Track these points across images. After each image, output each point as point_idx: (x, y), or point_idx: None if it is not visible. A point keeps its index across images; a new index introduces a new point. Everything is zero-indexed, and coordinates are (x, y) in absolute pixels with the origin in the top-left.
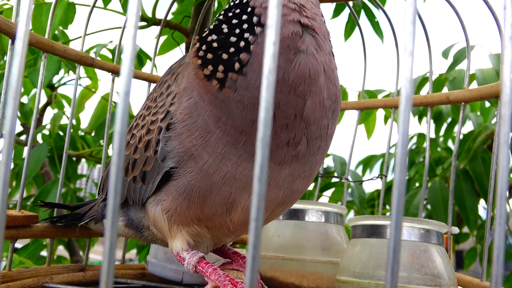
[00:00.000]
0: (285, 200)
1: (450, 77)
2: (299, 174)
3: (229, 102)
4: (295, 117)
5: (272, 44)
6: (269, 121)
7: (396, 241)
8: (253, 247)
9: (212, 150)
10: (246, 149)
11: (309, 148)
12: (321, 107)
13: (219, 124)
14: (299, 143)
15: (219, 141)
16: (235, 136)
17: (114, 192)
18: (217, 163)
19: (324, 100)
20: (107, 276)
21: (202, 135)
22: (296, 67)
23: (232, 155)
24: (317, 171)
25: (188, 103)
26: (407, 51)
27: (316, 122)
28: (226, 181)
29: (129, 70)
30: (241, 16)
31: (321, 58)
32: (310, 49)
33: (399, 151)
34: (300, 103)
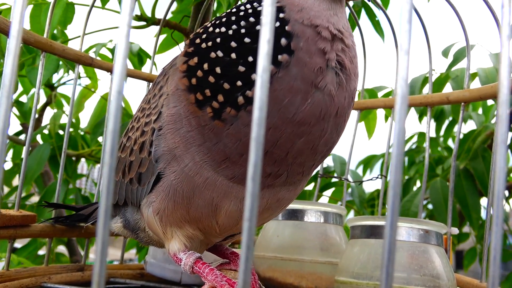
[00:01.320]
0: (270, 207)
1: (453, 75)
2: (282, 189)
3: (219, 133)
4: (286, 154)
5: (267, 42)
6: (263, 120)
7: (391, 241)
8: (246, 247)
9: (191, 158)
10: (224, 173)
11: (287, 181)
12: (312, 151)
13: (201, 147)
14: (279, 176)
15: (197, 155)
16: (216, 161)
17: (106, 192)
18: (197, 168)
19: (319, 145)
20: (99, 277)
21: (182, 142)
22: (307, 107)
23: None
24: (302, 187)
25: (174, 110)
26: (403, 50)
27: (301, 162)
28: (207, 185)
29: (122, 68)
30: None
31: (340, 99)
32: (329, 89)
33: (395, 151)
34: (296, 142)
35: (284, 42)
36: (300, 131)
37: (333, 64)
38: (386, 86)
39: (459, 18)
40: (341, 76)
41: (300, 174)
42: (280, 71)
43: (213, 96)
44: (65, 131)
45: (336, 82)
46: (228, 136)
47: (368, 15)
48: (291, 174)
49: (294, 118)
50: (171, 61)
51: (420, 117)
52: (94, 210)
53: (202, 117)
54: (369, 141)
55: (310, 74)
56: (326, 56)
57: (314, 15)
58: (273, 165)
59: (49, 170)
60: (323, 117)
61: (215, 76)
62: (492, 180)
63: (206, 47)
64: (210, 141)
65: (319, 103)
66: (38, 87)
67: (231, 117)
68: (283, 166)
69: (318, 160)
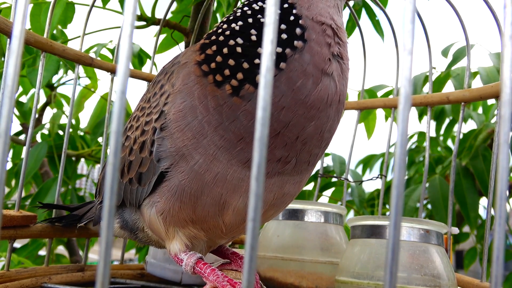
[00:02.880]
0: (276, 203)
1: (453, 73)
2: (289, 180)
3: (237, 110)
4: (296, 139)
5: (270, 43)
6: (267, 120)
7: (395, 240)
8: (251, 247)
9: (204, 151)
10: (239, 156)
11: (295, 169)
12: (319, 136)
13: (218, 129)
14: (288, 163)
15: (212, 144)
16: (232, 142)
17: (110, 192)
18: (207, 164)
19: (324, 131)
20: (103, 277)
21: (194, 136)
22: (318, 90)
23: (223, 158)
24: (307, 179)
25: (183, 105)
26: (406, 50)
27: (310, 149)
28: (217, 181)
29: (125, 68)
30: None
31: (341, 86)
32: (334, 75)
33: (398, 151)
34: (306, 126)
35: (299, 31)
36: (310, 115)
37: (336, 53)
38: (386, 85)
39: (459, 18)
40: (342, 64)
41: (306, 162)
42: (295, 54)
43: (232, 75)
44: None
45: (339, 71)
46: (244, 113)
47: (368, 14)
48: (299, 161)
49: (306, 100)
50: (172, 60)
51: (420, 116)
52: (88, 210)
53: (221, 95)
54: (368, 140)
55: (320, 62)
56: (331, 49)
57: (320, 12)
58: (283, 148)
59: (49, 170)
60: (330, 103)
61: (235, 58)
62: (492, 180)
63: (224, 38)
64: (228, 119)
65: (326, 88)
66: (38, 87)
67: (249, 94)
68: (293, 151)
69: (322, 148)
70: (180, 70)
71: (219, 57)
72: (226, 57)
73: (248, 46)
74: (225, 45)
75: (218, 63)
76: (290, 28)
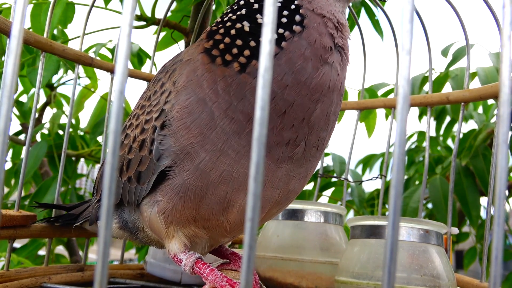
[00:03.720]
0: (281, 200)
1: (452, 74)
2: (295, 174)
3: (244, 87)
4: (302, 120)
5: (268, 42)
6: (265, 120)
7: (393, 240)
8: (249, 247)
9: (211, 147)
10: (249, 140)
11: (305, 154)
12: (326, 119)
13: (227, 112)
14: (297, 146)
15: (222, 133)
16: (242, 124)
17: (108, 191)
18: (214, 161)
19: (330, 114)
20: (101, 277)
21: (201, 132)
22: (319, 75)
23: (231, 151)
24: (311, 173)
25: (188, 101)
26: (404, 50)
27: (317, 132)
28: (223, 179)
29: (124, 68)
30: (280, 10)
31: (341, 76)
32: (335, 65)
33: (396, 150)
34: (311, 108)
35: (298, 18)
36: (314, 98)
37: (339, 44)
38: (387, 83)
39: (458, 18)
40: (344, 57)
41: (315, 147)
42: (294, 37)
43: (240, 53)
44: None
45: (340, 61)
46: (250, 91)
47: (368, 14)
48: (308, 145)
49: (308, 83)
50: (173, 58)
51: (420, 116)
52: (84, 209)
53: (229, 74)
54: (368, 140)
55: (320, 49)
56: (334, 40)
57: (321, 7)
58: (291, 130)
59: (49, 170)
60: (333, 89)
61: (242, 38)
62: (492, 179)
63: (232, 23)
64: (236, 98)
65: (328, 75)
66: (38, 87)
67: (255, 70)
68: (301, 133)
69: (329, 131)
70: (183, 67)
71: (227, 39)
72: (234, 38)
73: (255, 26)
74: (232, 27)
75: (227, 44)
76: (290, 14)
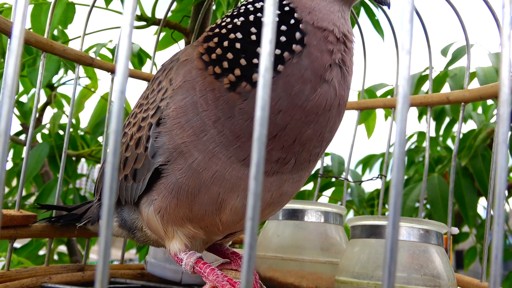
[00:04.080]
0: (273, 202)
1: (451, 73)
2: (287, 179)
3: (233, 107)
4: (293, 141)
5: (269, 43)
6: (265, 120)
7: (393, 240)
8: (249, 247)
9: (203, 148)
10: (237, 154)
11: (295, 167)
12: (319, 138)
13: (216, 124)
14: (287, 163)
15: (212, 140)
16: (229, 139)
17: (109, 191)
18: (206, 161)
19: (324, 132)
20: (102, 276)
21: (195, 133)
22: (316, 97)
23: (222, 155)
24: (306, 178)
25: (184, 101)
26: (404, 49)
27: (309, 150)
28: (215, 180)
29: (124, 68)
30: (278, 26)
31: (341, 91)
32: (334, 82)
33: (396, 150)
34: (303, 130)
35: (299, 36)
36: (308, 120)
37: (337, 61)
38: (386, 84)
39: (458, 18)
40: (344, 70)
41: (307, 161)
42: (293, 58)
43: (231, 69)
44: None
45: (340, 76)
46: (241, 112)
47: (368, 14)
48: (298, 161)
49: (304, 106)
50: (171, 57)
51: (419, 116)
52: (86, 210)
53: (218, 88)
54: (368, 140)
55: (320, 68)
56: (333, 56)
57: (322, 18)
58: (281, 150)
59: (49, 170)
60: (329, 108)
61: (233, 53)
62: (492, 179)
63: (226, 31)
64: (224, 115)
65: (326, 94)
66: (38, 87)
67: (246, 92)
68: (291, 153)
69: (324, 146)
70: (181, 67)
71: (219, 49)
72: (226, 50)
73: (247, 43)
74: (226, 38)
75: (218, 55)
76: (289, 31)
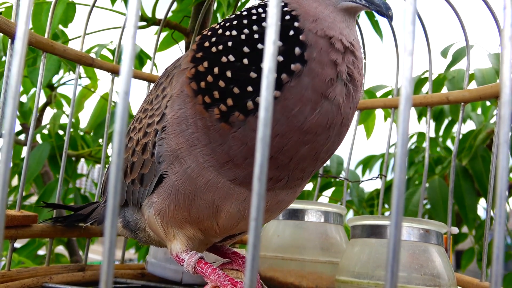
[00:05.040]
0: (269, 209)
1: (449, 76)
2: (281, 191)
3: (225, 135)
4: (289, 160)
5: (272, 44)
6: (269, 120)
7: (396, 240)
8: (253, 247)
9: (195, 159)
10: (226, 174)
11: (288, 184)
12: (314, 158)
13: (205, 148)
14: (280, 181)
15: (202, 156)
16: (219, 162)
17: (114, 191)
18: (200, 169)
19: (321, 152)
20: (106, 276)
21: (187, 144)
22: (316, 116)
23: (213, 169)
24: (301, 189)
25: (179, 112)
26: (406, 51)
27: (303, 168)
28: (209, 187)
29: (128, 69)
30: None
31: (346, 110)
32: (338, 100)
33: (398, 151)
34: (300, 149)
35: (298, 51)
36: (306, 139)
37: (343, 76)
38: (385, 85)
39: (458, 18)
40: (350, 87)
41: (300, 179)
42: (292, 80)
43: (222, 99)
44: (65, 131)
45: (344, 94)
46: (234, 139)
47: (367, 14)
48: (291, 179)
49: (302, 127)
50: (174, 62)
51: (419, 117)
52: (93, 210)
53: (209, 118)
54: (367, 141)
55: (321, 85)
56: (337, 68)
57: (328, 26)
58: (276, 170)
59: (49, 170)
60: (329, 126)
61: (225, 80)
62: (492, 180)
63: (217, 51)
64: (215, 142)
65: (327, 113)
66: (39, 87)
67: (239, 122)
68: (285, 171)
69: (318, 166)
70: (180, 75)
71: (209, 77)
72: (216, 78)
73: (240, 69)
74: (216, 62)
75: (208, 83)
76: (288, 47)
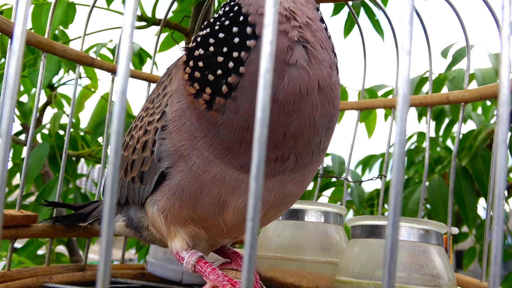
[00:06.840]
0: (277, 203)
1: (450, 76)
2: (291, 179)
3: (216, 123)
4: (284, 136)
5: (269, 43)
6: (266, 120)
7: (393, 240)
8: (250, 247)
9: (199, 153)
10: (232, 163)
11: (298, 163)
12: (311, 127)
13: (205, 139)
14: (287, 160)
15: (205, 148)
16: (220, 152)
17: (110, 191)
18: (205, 165)
19: (316, 119)
20: (103, 275)
21: (189, 138)
22: (286, 84)
23: (219, 161)
24: (311, 177)
25: (179, 105)
26: (404, 50)
27: (306, 141)
28: (216, 182)
29: (126, 68)
30: (230, 28)
31: (316, 72)
32: (300, 63)
33: (396, 151)
34: (288, 122)
35: (250, 30)
36: (287, 111)
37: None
38: (386, 85)
39: (459, 18)
40: (309, 49)
41: (310, 154)
42: (251, 55)
43: (202, 89)
44: (65, 131)
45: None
46: (223, 126)
47: (368, 14)
48: (299, 156)
49: (276, 98)
50: (175, 61)
51: (419, 117)
52: (93, 209)
53: (199, 109)
54: (368, 140)
55: (279, 53)
56: (289, 35)
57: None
58: (274, 149)
59: (49, 170)
60: (306, 92)
61: (200, 71)
62: (492, 180)
63: (194, 46)
64: (210, 131)
65: (296, 79)
66: (39, 87)
67: (221, 106)
68: (286, 148)
69: (324, 135)
70: (178, 71)
71: (188, 69)
72: (193, 69)
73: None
74: (192, 56)
75: (190, 75)
76: (241, 29)
